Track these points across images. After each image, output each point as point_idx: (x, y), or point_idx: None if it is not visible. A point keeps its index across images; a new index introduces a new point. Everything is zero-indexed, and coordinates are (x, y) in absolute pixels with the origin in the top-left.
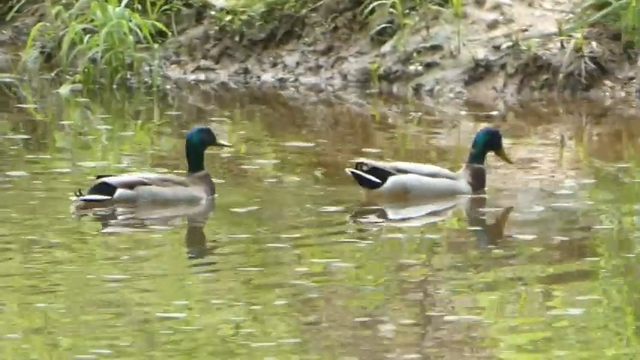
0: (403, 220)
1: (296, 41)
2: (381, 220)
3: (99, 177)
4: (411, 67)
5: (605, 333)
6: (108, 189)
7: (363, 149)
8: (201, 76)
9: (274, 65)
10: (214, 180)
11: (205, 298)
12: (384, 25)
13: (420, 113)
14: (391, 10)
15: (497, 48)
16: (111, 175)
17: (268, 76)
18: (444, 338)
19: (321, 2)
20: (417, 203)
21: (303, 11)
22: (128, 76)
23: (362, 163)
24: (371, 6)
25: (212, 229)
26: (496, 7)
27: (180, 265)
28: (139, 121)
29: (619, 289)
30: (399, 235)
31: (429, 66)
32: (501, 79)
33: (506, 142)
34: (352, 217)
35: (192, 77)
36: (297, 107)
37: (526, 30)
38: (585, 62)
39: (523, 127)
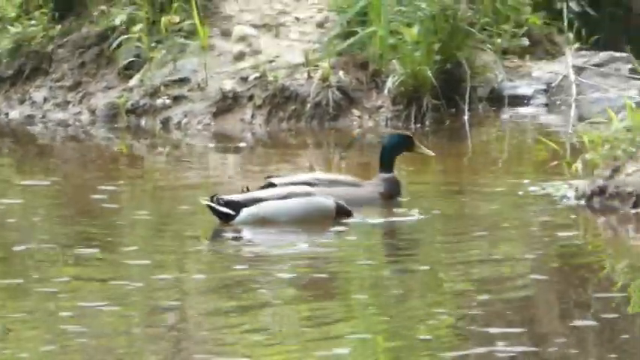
0: (160, 262)
1: (44, 77)
2: (142, 261)
3: (267, 177)
4: (159, 101)
5: None
6: None
7: (107, 185)
8: None
9: (22, 102)
10: None
11: None
12: (131, 59)
13: (167, 147)
14: (138, 44)
15: (244, 79)
16: (279, 176)
17: (16, 113)
18: None
19: (68, 38)
20: None
21: (50, 47)
22: None
23: (218, 196)
24: (117, 40)
25: None
26: (243, 39)
27: None
28: None
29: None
30: (163, 277)
31: (176, 99)
32: (249, 111)
33: (256, 170)
34: (104, 256)
35: None
36: (45, 144)
37: (273, 61)
38: (332, 92)
39: (272, 158)
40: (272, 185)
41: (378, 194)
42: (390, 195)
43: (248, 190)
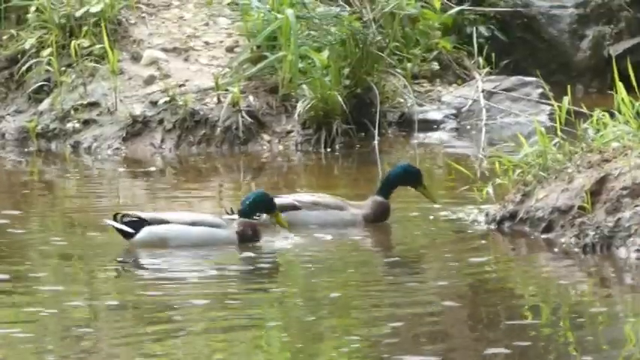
0: (72, 287)
1: None
2: (54, 287)
3: None
4: (69, 125)
5: None
6: None
7: (13, 210)
8: None
9: None
10: None
11: None
12: (41, 83)
13: (77, 171)
14: (48, 67)
15: (154, 103)
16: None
17: None
18: None
19: None
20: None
21: None
22: None
23: (123, 214)
24: (27, 64)
25: None
26: (152, 63)
27: None
28: None
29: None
30: (76, 303)
31: (86, 123)
32: (159, 135)
33: (165, 194)
34: (15, 282)
35: None
36: None
37: (183, 85)
38: (242, 116)
39: (182, 182)
40: None
41: (361, 217)
42: (376, 219)
43: (232, 212)
